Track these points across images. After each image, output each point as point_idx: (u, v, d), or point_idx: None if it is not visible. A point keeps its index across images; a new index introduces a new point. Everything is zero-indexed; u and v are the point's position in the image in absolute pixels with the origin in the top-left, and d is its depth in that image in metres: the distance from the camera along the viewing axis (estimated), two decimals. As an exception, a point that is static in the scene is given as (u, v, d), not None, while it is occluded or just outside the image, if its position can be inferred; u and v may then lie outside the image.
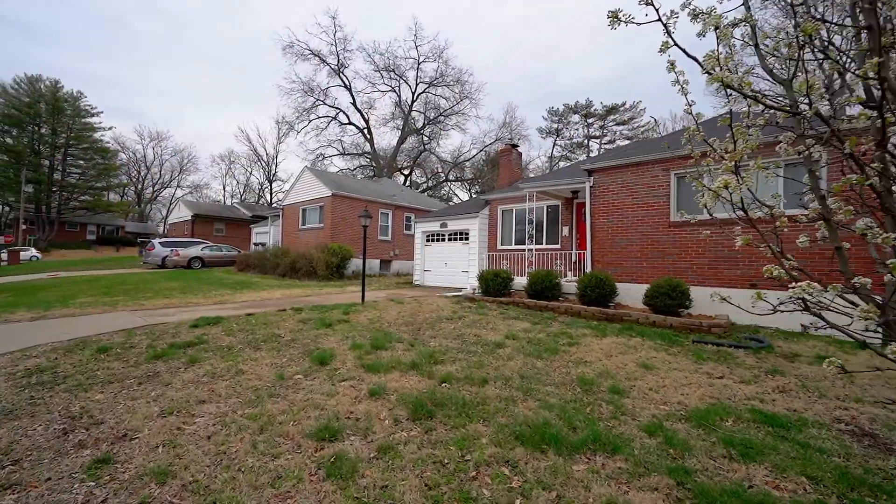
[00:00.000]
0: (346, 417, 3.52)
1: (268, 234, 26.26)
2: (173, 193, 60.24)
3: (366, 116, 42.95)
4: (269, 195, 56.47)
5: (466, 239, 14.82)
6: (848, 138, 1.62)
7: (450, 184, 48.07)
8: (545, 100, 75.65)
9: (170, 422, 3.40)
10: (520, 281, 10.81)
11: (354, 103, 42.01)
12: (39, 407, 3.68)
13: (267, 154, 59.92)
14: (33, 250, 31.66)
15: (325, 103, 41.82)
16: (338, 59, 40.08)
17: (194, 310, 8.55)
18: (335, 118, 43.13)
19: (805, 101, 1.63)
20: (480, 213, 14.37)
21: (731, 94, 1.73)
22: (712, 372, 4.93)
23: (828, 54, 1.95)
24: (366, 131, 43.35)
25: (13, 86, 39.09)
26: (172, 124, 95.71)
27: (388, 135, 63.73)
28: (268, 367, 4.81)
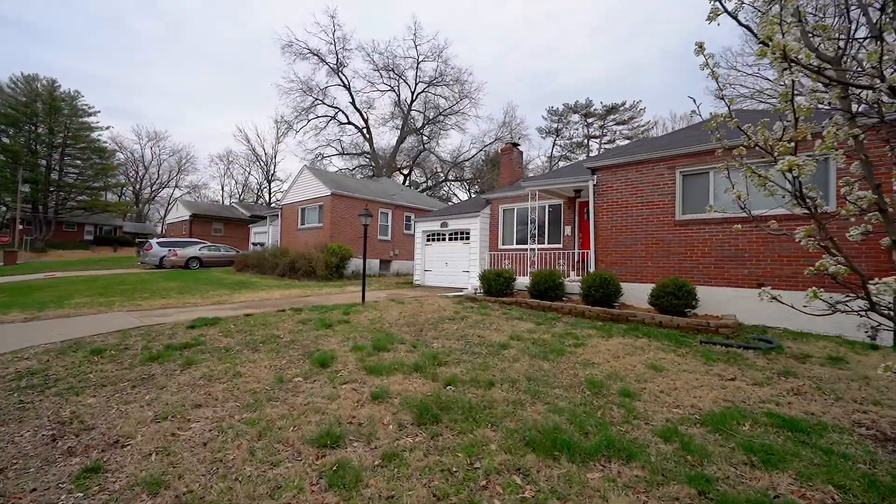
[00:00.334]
0: (349, 422, 3.37)
1: (266, 233, 26.08)
2: (171, 193, 59.95)
3: (365, 116, 42.79)
4: (268, 195, 56.28)
5: (467, 238, 14.68)
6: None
7: (449, 184, 47.89)
8: (545, 100, 75.49)
9: (164, 427, 3.25)
10: (521, 281, 10.69)
11: (353, 103, 41.85)
12: (28, 412, 3.54)
13: (265, 154, 59.74)
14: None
15: (324, 103, 41.66)
16: (337, 59, 39.94)
17: (192, 310, 8.40)
18: (334, 118, 42.96)
19: (871, 75, 1.49)
20: (481, 212, 14.23)
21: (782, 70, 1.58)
22: (723, 373, 4.80)
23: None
24: (365, 131, 43.15)
25: (10, 85, 38.72)
26: (172, 124, 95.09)
27: (388, 134, 63.49)
28: (266, 370, 4.66)
